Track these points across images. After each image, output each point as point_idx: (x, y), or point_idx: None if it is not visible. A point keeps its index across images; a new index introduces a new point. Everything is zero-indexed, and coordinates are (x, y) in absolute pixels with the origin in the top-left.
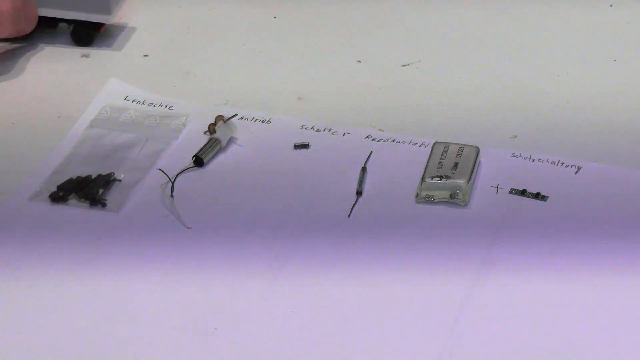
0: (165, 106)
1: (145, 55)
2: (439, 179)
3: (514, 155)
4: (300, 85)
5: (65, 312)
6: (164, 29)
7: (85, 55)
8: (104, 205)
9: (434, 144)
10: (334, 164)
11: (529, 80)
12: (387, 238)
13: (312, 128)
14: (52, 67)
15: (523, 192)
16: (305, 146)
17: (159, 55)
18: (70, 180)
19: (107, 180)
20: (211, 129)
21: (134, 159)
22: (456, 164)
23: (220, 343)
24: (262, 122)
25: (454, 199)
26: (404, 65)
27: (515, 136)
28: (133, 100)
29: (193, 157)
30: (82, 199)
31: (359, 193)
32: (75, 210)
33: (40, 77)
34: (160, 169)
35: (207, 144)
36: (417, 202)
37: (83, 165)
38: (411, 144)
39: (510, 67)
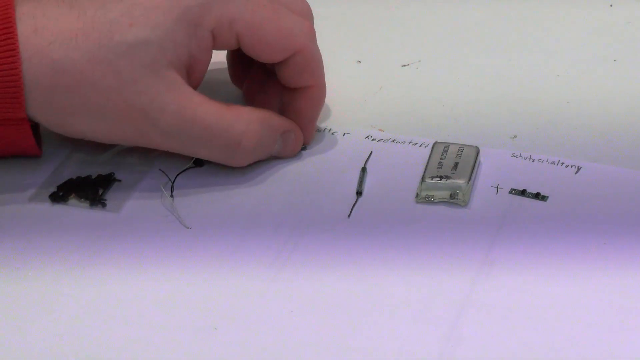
0: None
1: None
2: (439, 179)
3: (514, 155)
4: None
5: (65, 312)
6: None
7: None
8: (104, 205)
9: (434, 144)
10: (334, 164)
11: (529, 80)
12: (387, 238)
13: None
14: None
15: (523, 192)
16: (305, 146)
17: None
18: (70, 180)
19: (107, 180)
20: None
21: (134, 159)
22: (456, 164)
23: (220, 343)
24: None
25: (454, 199)
26: (404, 65)
27: (515, 136)
28: None
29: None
30: (82, 199)
31: (359, 193)
32: (75, 210)
33: None
34: (160, 169)
35: None
36: (417, 202)
37: (83, 165)
38: (411, 144)
39: (510, 67)
